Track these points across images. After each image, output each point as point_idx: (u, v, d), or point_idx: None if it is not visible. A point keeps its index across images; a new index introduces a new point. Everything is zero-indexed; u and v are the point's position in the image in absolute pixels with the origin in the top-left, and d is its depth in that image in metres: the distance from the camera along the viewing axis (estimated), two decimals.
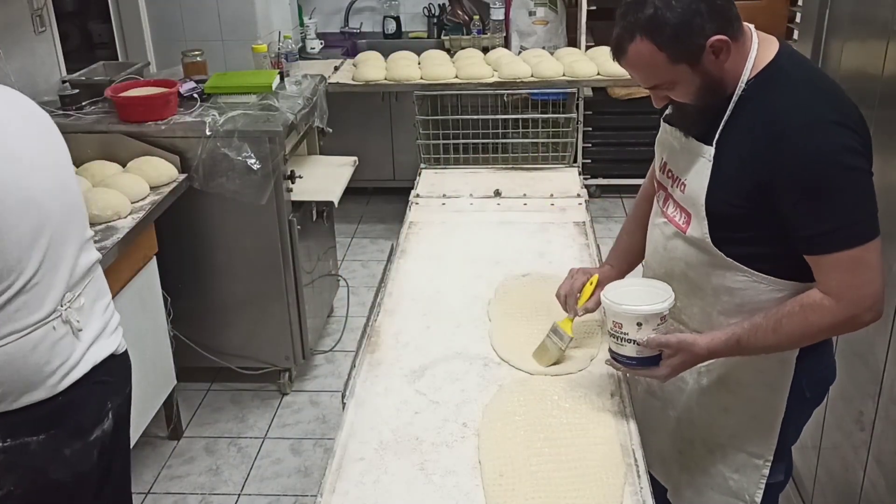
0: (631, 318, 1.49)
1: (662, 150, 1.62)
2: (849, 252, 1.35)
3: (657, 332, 1.49)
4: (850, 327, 1.43)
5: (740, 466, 1.64)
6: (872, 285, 1.37)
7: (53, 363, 1.46)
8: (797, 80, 1.42)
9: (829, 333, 1.48)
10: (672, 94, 1.46)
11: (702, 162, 1.47)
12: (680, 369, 1.52)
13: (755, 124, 1.40)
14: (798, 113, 1.36)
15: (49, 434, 1.46)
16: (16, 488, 1.44)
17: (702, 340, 1.48)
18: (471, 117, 3.13)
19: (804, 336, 1.45)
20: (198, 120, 2.83)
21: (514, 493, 1.40)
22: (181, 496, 2.69)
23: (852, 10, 2.04)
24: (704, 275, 1.53)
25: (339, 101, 3.92)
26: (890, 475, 1.78)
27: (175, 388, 2.86)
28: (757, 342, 1.45)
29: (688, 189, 1.50)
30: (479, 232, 2.42)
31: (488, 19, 4.85)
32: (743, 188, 1.42)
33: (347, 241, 4.52)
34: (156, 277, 2.68)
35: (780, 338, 1.44)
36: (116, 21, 3.99)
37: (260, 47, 3.68)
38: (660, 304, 1.49)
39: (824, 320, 1.40)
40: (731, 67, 1.41)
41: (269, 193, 2.82)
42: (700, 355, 1.49)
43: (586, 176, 4.46)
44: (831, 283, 1.38)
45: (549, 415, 1.58)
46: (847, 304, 1.38)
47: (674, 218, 1.57)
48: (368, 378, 1.74)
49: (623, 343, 1.52)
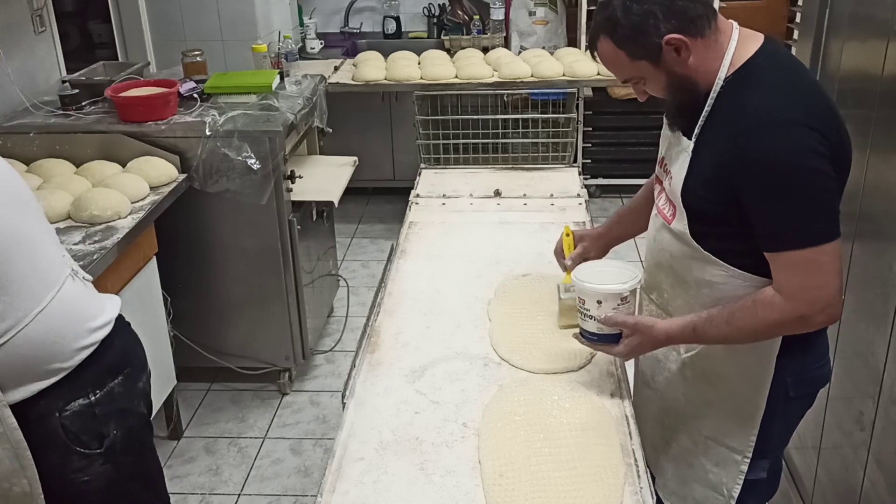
0: (592, 296, 1.57)
1: (662, 145, 1.67)
2: (801, 252, 1.38)
3: (617, 312, 1.56)
4: (799, 327, 1.45)
5: (720, 461, 1.66)
6: (825, 288, 1.39)
7: (93, 309, 1.61)
8: (770, 78, 1.43)
9: (780, 330, 1.49)
10: (646, 90, 1.53)
11: (684, 156, 1.51)
12: (638, 350, 1.58)
13: (728, 122, 1.43)
14: (764, 112, 1.38)
15: (125, 374, 1.64)
16: (117, 431, 1.61)
17: (661, 325, 1.54)
18: (471, 117, 3.14)
19: (755, 331, 1.47)
20: (198, 120, 2.83)
21: (514, 493, 1.40)
22: (181, 496, 2.69)
23: (852, 10, 2.04)
24: (687, 268, 1.57)
25: (339, 101, 3.92)
26: (890, 475, 1.78)
27: (175, 388, 2.86)
28: (711, 331, 1.49)
29: (673, 182, 1.55)
30: (479, 232, 2.42)
31: (488, 19, 4.85)
32: (715, 184, 1.45)
33: (347, 241, 4.52)
34: (156, 277, 2.68)
35: (731, 329, 1.47)
36: (116, 21, 3.99)
37: (260, 47, 3.68)
38: (619, 286, 1.56)
39: (773, 317, 1.42)
40: (702, 65, 1.44)
41: (269, 193, 2.82)
42: (657, 338, 1.54)
43: (586, 176, 4.46)
44: (783, 282, 1.41)
45: (549, 415, 1.58)
46: (797, 304, 1.40)
47: (663, 210, 1.61)
48: (368, 378, 1.74)
49: (585, 318, 1.60)
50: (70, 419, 1.54)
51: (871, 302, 1.88)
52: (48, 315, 1.50)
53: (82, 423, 1.56)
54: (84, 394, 1.56)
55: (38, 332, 1.48)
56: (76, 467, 1.57)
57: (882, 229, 1.85)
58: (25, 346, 1.47)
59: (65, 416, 1.54)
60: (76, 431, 1.55)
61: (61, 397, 1.54)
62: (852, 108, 1.99)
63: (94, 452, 1.58)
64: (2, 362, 1.45)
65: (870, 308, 1.88)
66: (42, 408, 1.52)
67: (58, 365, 1.53)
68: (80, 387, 1.56)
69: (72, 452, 1.56)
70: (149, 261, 2.61)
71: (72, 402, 1.55)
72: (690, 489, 1.73)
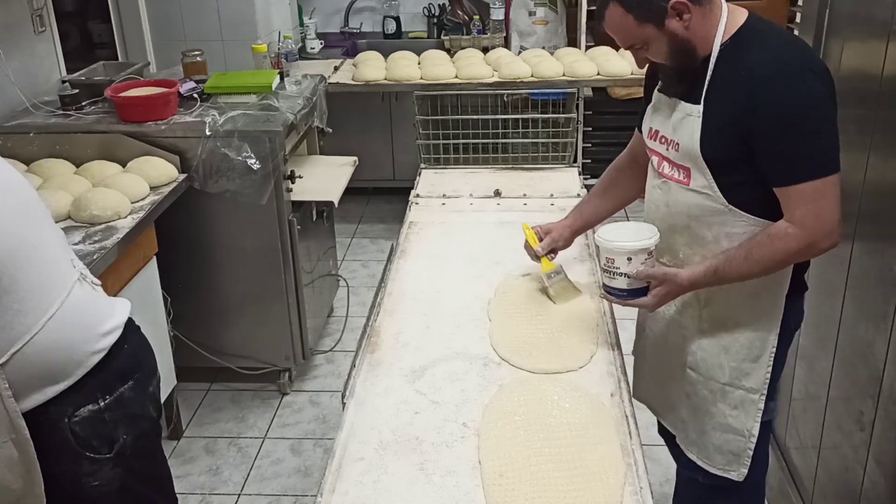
0: (622, 253, 1.67)
1: (651, 121, 1.79)
2: (811, 184, 1.53)
3: (645, 266, 1.67)
4: (811, 253, 1.62)
5: (738, 403, 1.77)
6: (832, 215, 1.56)
7: (102, 313, 1.61)
8: (768, 36, 1.59)
9: (794, 258, 1.63)
10: (648, 55, 1.65)
11: (691, 120, 1.63)
12: (665, 299, 1.70)
13: (734, 79, 1.57)
14: (770, 63, 1.54)
15: (135, 379, 1.64)
16: (127, 436, 1.61)
17: (684, 272, 1.67)
18: (471, 117, 3.14)
19: (772, 262, 1.61)
20: (198, 120, 2.83)
21: (514, 493, 1.40)
22: (181, 496, 2.67)
23: (852, 10, 2.04)
24: (706, 224, 1.68)
25: (339, 101, 3.92)
26: (890, 475, 1.78)
27: (175, 388, 2.86)
28: (732, 270, 1.63)
29: (682, 147, 1.66)
30: (479, 232, 2.42)
31: (488, 19, 4.85)
32: (731, 135, 1.58)
33: (347, 241, 4.52)
34: (156, 277, 2.68)
35: (751, 264, 1.61)
36: (116, 21, 3.99)
37: (260, 47, 3.68)
38: (647, 241, 1.67)
39: (789, 246, 1.58)
40: (700, 31, 1.59)
41: (269, 193, 2.82)
42: (682, 285, 1.67)
43: (586, 176, 4.43)
44: (796, 213, 1.56)
45: (549, 415, 1.58)
46: (808, 232, 1.56)
47: (673, 176, 1.72)
48: (368, 378, 1.74)
49: (615, 276, 1.70)
50: (80, 425, 1.54)
51: (871, 302, 1.88)
52: (57, 322, 1.49)
53: (92, 429, 1.55)
54: (94, 399, 1.56)
55: (48, 339, 1.48)
56: (86, 472, 1.57)
57: (882, 229, 1.85)
58: (36, 354, 1.46)
59: (74, 422, 1.53)
60: (86, 437, 1.55)
61: (71, 403, 1.53)
62: (852, 108, 1.99)
63: (105, 457, 1.58)
64: (14, 370, 1.44)
65: (870, 308, 1.88)
66: (52, 414, 1.52)
67: (69, 370, 1.52)
68: (89, 392, 1.55)
69: (82, 458, 1.56)
70: (149, 261, 2.61)
71: (81, 408, 1.54)
72: (709, 437, 1.82)
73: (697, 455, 1.86)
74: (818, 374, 2.17)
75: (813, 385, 2.23)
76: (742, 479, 1.80)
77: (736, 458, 1.79)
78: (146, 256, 2.59)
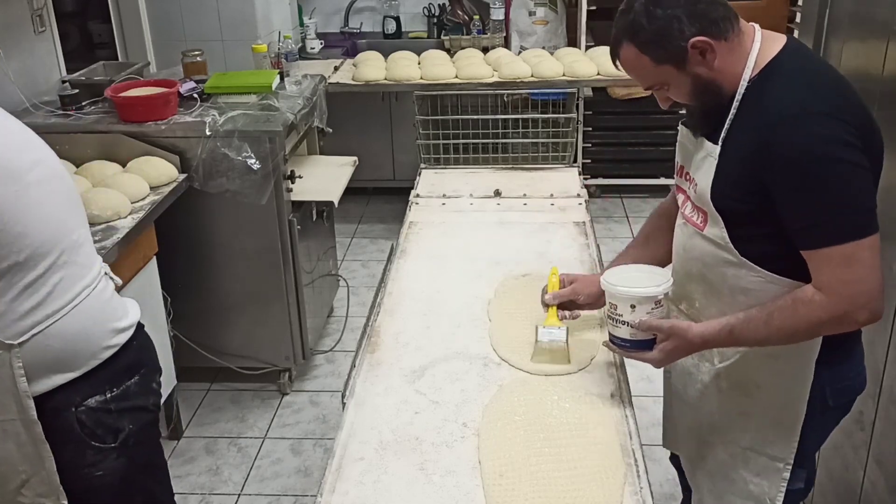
0: (625, 300, 1.52)
1: (679, 154, 1.65)
2: (840, 248, 1.35)
3: (650, 316, 1.51)
4: (843, 325, 1.41)
5: (761, 470, 1.62)
6: (866, 283, 1.36)
7: (119, 311, 1.65)
8: (794, 74, 1.42)
9: (822, 330, 1.45)
10: (670, 95, 1.50)
11: (709, 161, 1.49)
12: (673, 355, 1.54)
13: (754, 121, 1.41)
14: (788, 105, 1.37)
15: (141, 374, 1.68)
16: (133, 425, 1.65)
17: (696, 328, 1.50)
18: (471, 117, 3.14)
19: (795, 330, 1.43)
20: (198, 120, 2.83)
21: (514, 493, 1.40)
22: (181, 496, 2.69)
23: (852, 10, 2.04)
24: (720, 275, 1.54)
25: (339, 101, 3.92)
26: (890, 475, 1.78)
27: (175, 388, 2.86)
28: (749, 333, 1.45)
29: (699, 188, 1.52)
30: (479, 232, 2.42)
31: (488, 19, 4.85)
32: (746, 184, 1.43)
33: (347, 241, 4.52)
34: (156, 277, 2.68)
35: (770, 330, 1.43)
36: (116, 21, 3.99)
37: (260, 47, 3.68)
38: (654, 288, 1.52)
39: (814, 314, 1.39)
40: (727, 67, 1.44)
41: (269, 193, 2.82)
42: (693, 342, 1.50)
43: (586, 176, 4.46)
44: (822, 279, 1.37)
45: (549, 415, 1.58)
46: (838, 301, 1.37)
47: (692, 218, 1.58)
48: (368, 378, 1.74)
49: (618, 325, 1.55)
50: (86, 414, 1.57)
51: None
52: (79, 311, 1.54)
53: (97, 419, 1.59)
54: (101, 391, 1.59)
55: (68, 327, 1.52)
56: (90, 461, 1.60)
57: (882, 229, 1.84)
58: (53, 339, 1.50)
59: (80, 411, 1.57)
60: (91, 426, 1.58)
61: (78, 392, 1.56)
62: None
63: (109, 447, 1.61)
64: (29, 352, 1.48)
65: None
66: (58, 402, 1.55)
67: (81, 361, 1.56)
68: (98, 384, 1.59)
69: (86, 447, 1.59)
70: (149, 261, 2.61)
71: (89, 399, 1.57)
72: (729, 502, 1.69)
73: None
74: None
75: None
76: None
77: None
78: (146, 256, 2.59)
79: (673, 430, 1.88)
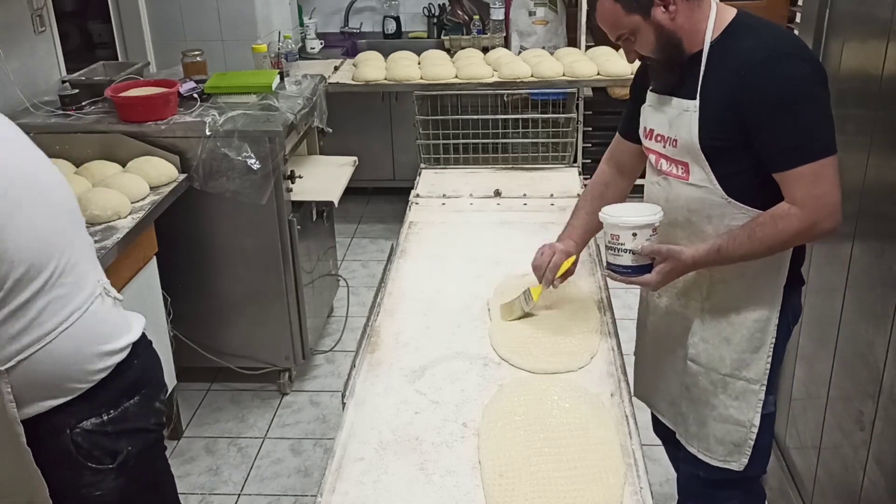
0: (627, 229, 1.69)
1: (646, 121, 1.82)
2: (809, 166, 1.57)
3: (649, 242, 1.70)
4: (812, 234, 1.63)
5: (739, 394, 1.79)
6: (832, 196, 1.58)
7: (116, 330, 1.59)
8: (756, 27, 1.65)
9: (796, 240, 1.66)
10: (636, 47, 1.69)
11: (688, 115, 1.67)
12: (669, 276, 1.72)
13: (726, 70, 1.61)
14: (760, 50, 1.59)
15: (142, 394, 1.62)
16: (132, 447, 1.60)
17: (688, 250, 1.69)
18: (471, 117, 3.13)
19: (776, 241, 1.63)
20: (198, 120, 2.83)
21: (514, 493, 1.40)
22: (181, 496, 2.67)
23: (852, 10, 2.04)
24: (705, 218, 1.71)
25: (339, 101, 3.92)
26: (890, 475, 1.78)
27: (175, 388, 2.86)
28: (735, 249, 1.65)
29: (680, 142, 1.69)
30: (479, 232, 2.42)
31: (488, 19, 4.85)
32: (728, 124, 1.62)
33: (347, 241, 4.52)
34: (156, 277, 2.68)
35: (753, 244, 1.63)
36: (116, 21, 3.99)
37: (260, 47, 3.68)
38: (651, 217, 1.70)
39: (791, 226, 1.60)
40: (687, 24, 1.64)
41: (269, 193, 2.82)
42: (686, 263, 1.69)
43: (586, 176, 4.44)
44: (796, 194, 1.59)
45: (549, 415, 1.58)
46: (809, 212, 1.58)
47: (671, 171, 1.75)
48: (368, 378, 1.74)
49: (620, 253, 1.72)
50: (82, 436, 1.52)
51: (871, 302, 1.88)
52: (68, 336, 1.47)
53: (94, 441, 1.54)
54: (97, 413, 1.54)
55: (56, 352, 1.46)
56: (88, 482, 1.56)
57: (882, 229, 1.85)
58: (40, 364, 1.45)
59: (76, 433, 1.51)
60: (88, 448, 1.53)
61: (73, 415, 1.51)
62: (852, 108, 1.99)
63: (107, 468, 1.56)
64: (18, 377, 1.43)
65: (870, 308, 1.88)
66: (53, 424, 1.50)
67: (73, 385, 1.50)
68: (94, 406, 1.54)
69: (83, 468, 1.54)
70: (149, 261, 2.61)
71: (84, 421, 1.52)
72: (710, 428, 1.83)
73: (698, 448, 1.87)
74: (818, 374, 2.17)
75: (813, 385, 2.23)
76: (742, 469, 1.82)
77: (737, 449, 1.81)
78: (146, 256, 2.59)
79: (646, 377, 2.04)
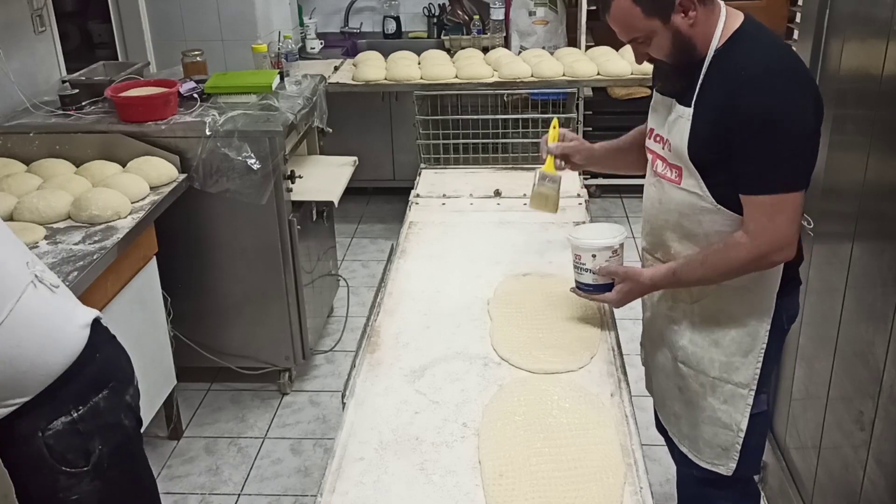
0: (587, 250, 1.79)
1: (650, 121, 1.81)
2: (771, 197, 1.56)
3: (609, 263, 1.77)
4: (761, 265, 1.64)
5: (728, 397, 1.79)
6: (785, 230, 1.58)
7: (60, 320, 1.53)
8: (759, 39, 1.61)
9: (745, 269, 1.65)
10: (650, 50, 1.65)
11: (682, 122, 1.65)
12: (629, 296, 1.78)
13: (722, 81, 1.58)
14: (755, 65, 1.56)
15: (110, 388, 1.59)
16: (104, 446, 1.56)
17: (646, 272, 1.76)
18: (471, 117, 3.13)
19: (727, 269, 1.65)
20: (198, 120, 2.83)
21: (514, 493, 1.40)
22: (181, 496, 2.69)
23: (852, 10, 2.04)
24: (696, 221, 1.71)
25: (339, 101, 3.92)
26: (890, 475, 1.78)
27: (175, 388, 2.86)
28: (688, 274, 1.69)
29: (673, 147, 1.68)
30: (479, 232, 2.42)
31: (488, 19, 4.85)
32: (716, 135, 1.59)
33: (347, 241, 4.52)
34: (156, 277, 2.68)
35: (706, 270, 1.66)
36: (116, 21, 3.99)
37: (260, 47, 3.68)
38: (610, 240, 1.78)
39: (740, 256, 1.61)
40: (701, 31, 1.60)
41: (269, 193, 2.82)
42: (644, 284, 1.75)
43: (586, 176, 4.45)
44: (750, 225, 1.59)
45: (549, 415, 1.58)
46: (760, 244, 1.59)
47: (665, 175, 1.75)
48: (368, 378, 1.74)
49: (582, 272, 1.81)
50: (54, 438, 1.49)
51: (871, 302, 1.88)
52: (8, 329, 1.41)
53: (67, 442, 1.51)
54: (66, 411, 1.50)
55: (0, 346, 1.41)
56: (64, 486, 1.52)
57: (882, 229, 1.85)
58: None
59: (48, 436, 1.48)
60: (61, 451, 1.50)
61: (43, 416, 1.48)
62: (852, 108, 1.99)
63: (82, 470, 1.53)
64: None
65: (870, 308, 1.88)
66: (24, 429, 1.47)
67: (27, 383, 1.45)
68: (61, 404, 1.50)
69: (58, 472, 1.51)
70: (149, 261, 2.61)
71: (54, 421, 1.49)
72: (700, 430, 1.84)
73: (689, 448, 1.88)
74: (818, 374, 2.17)
75: (813, 385, 2.23)
76: (731, 474, 1.82)
77: (724, 453, 1.81)
78: (146, 256, 2.59)
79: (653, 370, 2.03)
